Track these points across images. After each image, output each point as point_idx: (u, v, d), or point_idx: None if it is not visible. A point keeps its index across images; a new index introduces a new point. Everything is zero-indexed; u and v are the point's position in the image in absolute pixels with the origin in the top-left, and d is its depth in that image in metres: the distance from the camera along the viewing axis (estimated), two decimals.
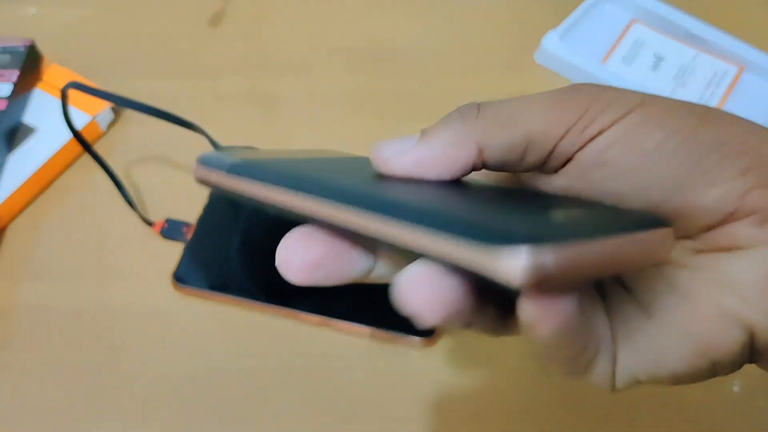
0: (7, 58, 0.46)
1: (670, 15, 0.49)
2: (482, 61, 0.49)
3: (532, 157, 0.18)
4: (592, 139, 0.17)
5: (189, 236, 0.40)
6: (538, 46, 0.49)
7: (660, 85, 0.47)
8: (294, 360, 0.36)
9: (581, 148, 0.17)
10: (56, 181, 0.43)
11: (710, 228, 0.17)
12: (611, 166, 0.17)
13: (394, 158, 0.17)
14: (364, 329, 0.36)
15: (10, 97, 0.43)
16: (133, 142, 0.45)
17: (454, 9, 0.53)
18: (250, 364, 0.36)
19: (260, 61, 0.50)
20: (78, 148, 0.44)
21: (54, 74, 0.47)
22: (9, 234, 0.41)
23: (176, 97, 0.47)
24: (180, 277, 0.38)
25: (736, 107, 0.46)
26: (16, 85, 0.44)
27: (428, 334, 0.36)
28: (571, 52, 0.48)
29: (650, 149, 0.17)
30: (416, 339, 0.36)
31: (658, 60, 0.48)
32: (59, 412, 0.35)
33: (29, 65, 0.46)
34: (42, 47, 0.47)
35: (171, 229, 0.40)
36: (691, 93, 0.46)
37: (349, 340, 0.37)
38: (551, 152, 0.17)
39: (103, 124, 0.45)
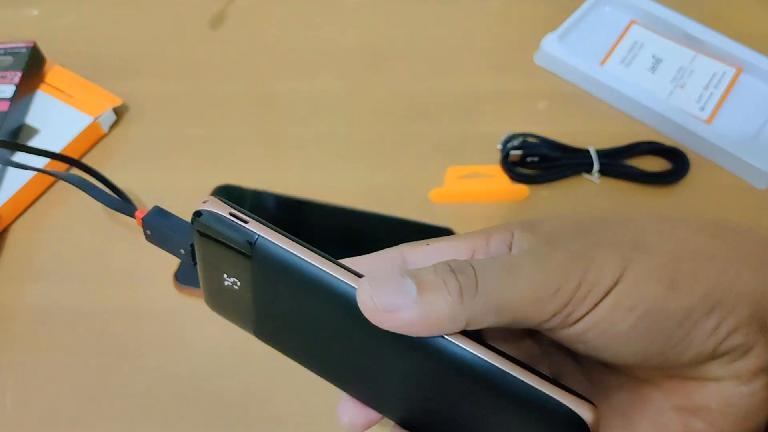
0: (9, 59, 0.46)
1: (669, 17, 0.49)
2: (482, 63, 0.50)
3: (516, 327, 0.19)
4: (572, 324, 0.18)
5: None
6: (538, 47, 0.49)
7: (658, 86, 0.47)
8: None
9: (564, 328, 0.19)
10: (58, 181, 0.44)
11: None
12: (591, 344, 0.19)
13: (387, 314, 0.17)
14: None
15: (12, 98, 0.44)
16: (135, 143, 0.46)
17: (454, 11, 0.53)
18: (252, 364, 0.37)
19: (260, 63, 0.50)
20: (80, 149, 0.45)
21: (56, 76, 0.47)
22: (11, 234, 0.41)
23: (177, 98, 0.48)
24: (181, 277, 0.39)
25: (734, 109, 0.46)
26: (18, 86, 0.44)
27: None
28: (570, 53, 0.48)
29: (624, 331, 0.18)
30: None
31: (657, 61, 0.48)
32: (62, 412, 0.35)
33: (31, 67, 0.46)
34: (44, 49, 0.47)
35: None
36: (689, 94, 0.46)
37: None
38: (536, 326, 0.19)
39: (105, 125, 0.45)
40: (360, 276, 0.19)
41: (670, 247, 0.18)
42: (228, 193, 0.42)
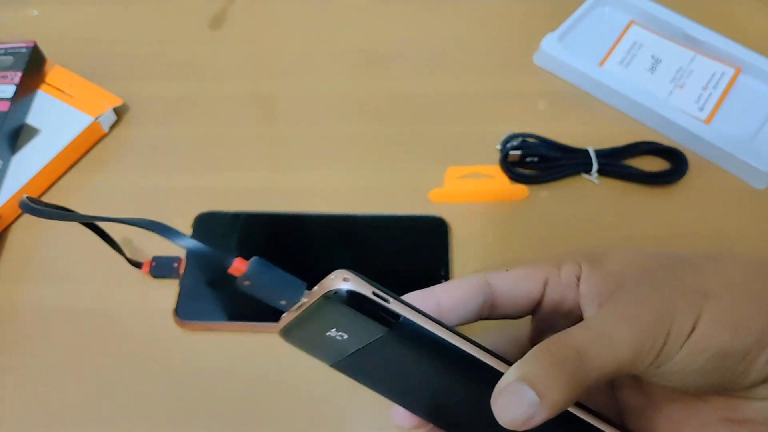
0: (9, 59, 0.46)
1: (668, 17, 0.50)
2: (482, 63, 0.50)
3: None
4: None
5: (182, 271, 0.39)
6: (537, 48, 0.49)
7: (657, 86, 0.47)
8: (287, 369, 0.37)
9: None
10: (58, 181, 0.44)
11: None
12: (661, 377, 0.22)
13: (522, 425, 0.20)
14: None
15: (12, 98, 0.44)
16: (136, 143, 0.46)
17: (454, 12, 0.53)
18: (254, 360, 0.37)
19: (261, 63, 0.50)
20: (81, 149, 0.45)
21: (57, 76, 0.47)
22: (12, 235, 0.42)
23: (177, 99, 0.48)
24: (181, 313, 0.38)
25: (733, 109, 0.46)
26: (18, 86, 0.44)
27: None
28: (570, 54, 0.48)
29: (694, 369, 0.21)
30: None
31: (656, 62, 0.48)
32: (61, 411, 0.35)
33: (32, 67, 0.46)
34: (44, 49, 0.47)
35: (160, 267, 0.39)
36: (688, 94, 0.47)
37: None
38: None
39: (105, 125, 0.45)
40: (489, 351, 0.22)
41: (730, 292, 0.21)
42: (211, 220, 0.41)
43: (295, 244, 0.40)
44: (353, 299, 0.21)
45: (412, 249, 0.40)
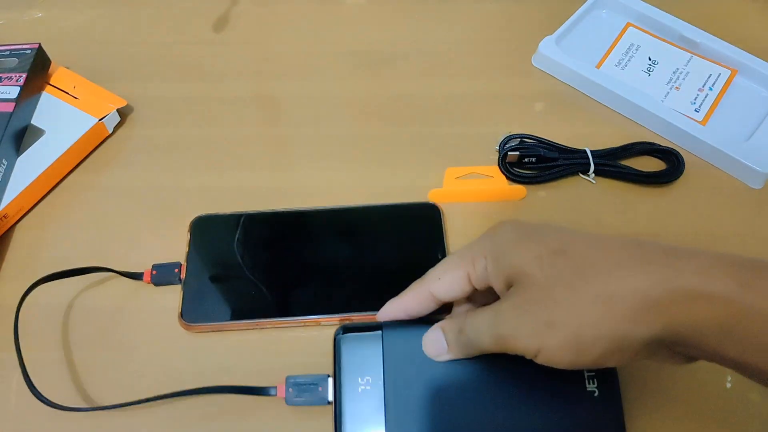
0: (14, 61, 0.46)
1: (665, 19, 0.50)
2: (481, 66, 0.50)
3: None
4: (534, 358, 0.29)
5: (183, 275, 0.39)
6: (536, 50, 0.50)
7: (654, 88, 0.48)
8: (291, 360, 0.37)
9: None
10: (63, 181, 0.44)
11: None
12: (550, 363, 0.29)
13: (435, 358, 0.33)
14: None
15: (17, 99, 0.44)
16: (139, 144, 0.46)
17: (454, 14, 0.54)
18: (262, 361, 0.37)
19: (263, 65, 0.51)
20: (85, 149, 0.45)
21: (61, 77, 0.47)
22: (17, 233, 0.42)
23: (180, 100, 0.48)
24: (186, 316, 0.38)
25: (729, 110, 0.46)
26: (23, 87, 0.45)
27: None
28: (567, 56, 0.49)
29: (567, 363, 0.28)
30: None
31: (653, 64, 0.49)
32: (68, 412, 0.36)
33: (37, 68, 0.47)
34: (49, 51, 0.48)
35: (161, 275, 0.39)
36: (684, 96, 0.47)
37: None
38: None
39: (109, 126, 0.46)
40: None
41: (575, 321, 0.27)
42: (207, 223, 0.41)
43: (294, 240, 0.41)
44: (348, 327, 0.35)
45: (408, 236, 0.41)
